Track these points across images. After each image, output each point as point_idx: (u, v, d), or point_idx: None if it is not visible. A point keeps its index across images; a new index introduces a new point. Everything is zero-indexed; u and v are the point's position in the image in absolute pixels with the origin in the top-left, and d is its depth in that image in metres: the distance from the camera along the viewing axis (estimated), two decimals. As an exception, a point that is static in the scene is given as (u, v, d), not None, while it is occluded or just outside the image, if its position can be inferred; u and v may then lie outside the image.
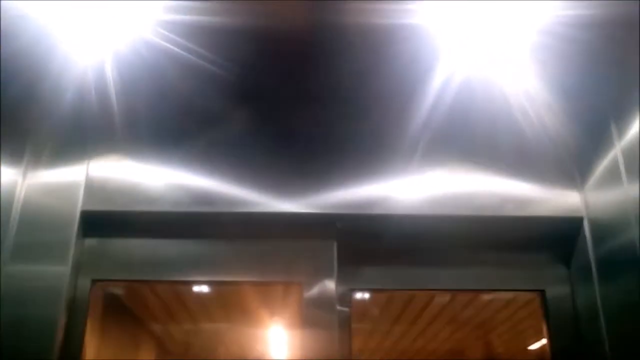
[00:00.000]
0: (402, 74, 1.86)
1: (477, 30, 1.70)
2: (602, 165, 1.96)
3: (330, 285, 2.02)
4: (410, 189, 2.07)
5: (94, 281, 2.01)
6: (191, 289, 2.37)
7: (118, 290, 2.44)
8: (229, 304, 2.70)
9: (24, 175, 2.00)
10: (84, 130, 2.06)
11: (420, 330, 3.39)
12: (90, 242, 2.05)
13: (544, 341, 2.14)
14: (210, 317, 2.93)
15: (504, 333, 3.42)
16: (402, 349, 3.71)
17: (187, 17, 1.72)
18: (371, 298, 2.40)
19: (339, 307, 2.03)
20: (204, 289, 2.27)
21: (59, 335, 1.85)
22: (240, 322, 2.80)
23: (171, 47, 1.78)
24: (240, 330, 2.88)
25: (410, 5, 1.64)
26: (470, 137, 2.11)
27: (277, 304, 2.39)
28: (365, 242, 2.13)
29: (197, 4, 1.68)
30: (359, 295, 2.20)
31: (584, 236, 2.06)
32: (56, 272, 1.90)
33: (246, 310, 2.58)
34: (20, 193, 1.98)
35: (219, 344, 3.03)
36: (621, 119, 1.85)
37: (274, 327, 2.61)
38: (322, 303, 2.00)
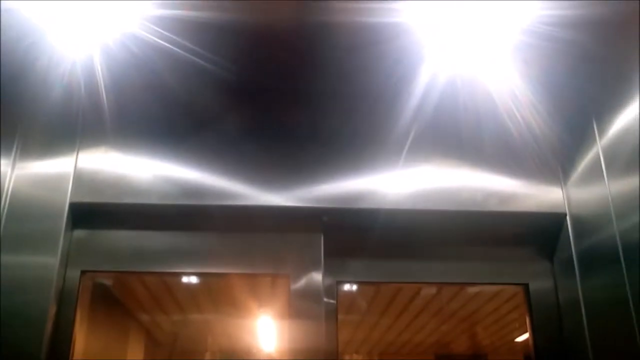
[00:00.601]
0: (388, 72, 1.88)
1: (461, 30, 1.71)
2: (584, 163, 1.99)
3: (317, 277, 2.05)
4: (395, 184, 2.10)
5: (83, 272, 2.02)
6: (180, 281, 2.38)
7: (107, 281, 2.45)
8: (217, 295, 2.71)
9: (13, 167, 2.01)
10: (73, 123, 2.08)
11: (406, 322, 3.42)
12: (79, 233, 2.06)
13: (528, 334, 2.17)
14: (198, 308, 2.95)
15: (490, 326, 3.45)
16: (389, 341, 3.74)
17: (175, 12, 1.72)
18: (358, 291, 2.42)
19: (325, 299, 2.06)
20: (192, 280, 2.29)
21: (49, 324, 1.87)
22: (229, 313, 2.81)
23: (160, 41, 1.79)
24: (228, 321, 2.90)
25: (395, 5, 1.65)
26: (455, 134, 2.14)
27: (264, 296, 2.41)
28: (352, 236, 2.16)
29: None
30: (346, 288, 2.22)
31: (567, 231, 2.09)
32: (46, 263, 1.92)
33: (234, 302, 2.60)
34: (9, 184, 1.98)
35: (208, 334, 3.05)
36: (602, 117, 1.88)
37: (262, 318, 2.63)
38: (309, 295, 2.03)
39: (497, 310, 3.10)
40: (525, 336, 2.19)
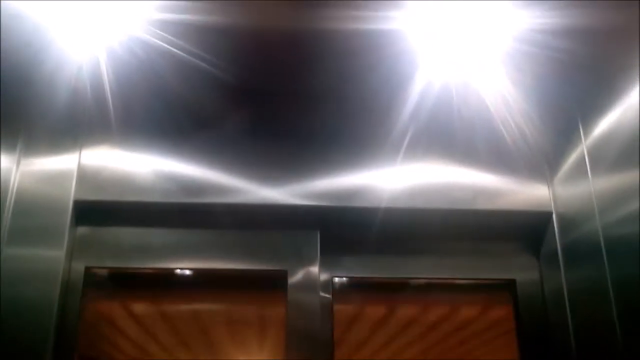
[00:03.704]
0: (384, 77, 1.93)
1: (455, 37, 1.77)
2: (570, 163, 2.07)
3: (313, 272, 2.12)
4: (389, 183, 2.16)
5: (87, 268, 2.07)
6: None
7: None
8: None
9: (18, 163, 2.04)
10: (78, 123, 2.11)
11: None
12: (83, 230, 2.11)
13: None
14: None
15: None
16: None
17: (179, 16, 1.76)
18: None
19: (321, 294, 2.14)
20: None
21: (56, 317, 1.91)
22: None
23: (163, 44, 1.83)
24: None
25: (389, 13, 1.71)
26: (448, 136, 2.20)
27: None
28: (347, 232, 2.22)
29: (189, 3, 1.73)
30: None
31: (553, 228, 2.17)
32: (51, 258, 1.96)
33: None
34: (15, 180, 2.02)
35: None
36: (588, 120, 1.97)
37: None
38: (305, 289, 2.10)
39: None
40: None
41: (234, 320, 2.14)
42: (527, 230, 2.26)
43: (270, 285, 2.15)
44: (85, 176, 2.09)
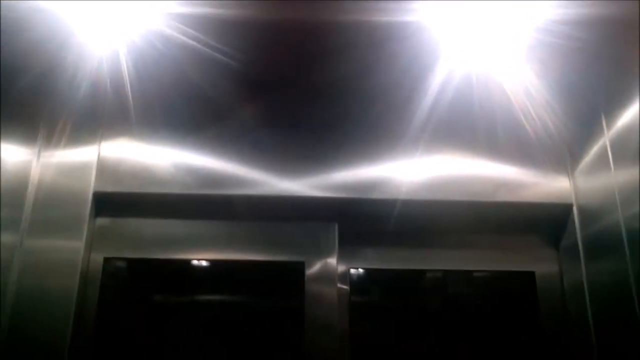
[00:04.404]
0: (405, 69, 1.92)
1: (476, 28, 1.76)
2: (592, 155, 2.05)
3: (331, 263, 2.12)
4: (409, 175, 2.15)
5: (106, 259, 2.09)
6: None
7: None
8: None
9: (38, 155, 2.06)
10: (97, 114, 2.12)
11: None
12: (102, 221, 2.12)
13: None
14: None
15: None
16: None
17: (197, 10, 1.77)
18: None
19: (339, 285, 2.14)
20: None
21: (75, 307, 1.93)
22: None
23: (182, 37, 1.84)
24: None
25: (411, 4, 1.69)
26: (469, 127, 2.19)
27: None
28: (365, 224, 2.22)
29: (208, -4, 1.74)
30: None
31: (573, 221, 2.15)
32: (71, 249, 1.98)
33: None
34: (35, 173, 2.04)
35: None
36: (611, 112, 1.94)
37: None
38: (323, 281, 2.11)
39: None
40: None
41: (252, 311, 2.14)
42: (547, 223, 2.24)
43: (288, 276, 2.15)
44: (104, 168, 2.10)
